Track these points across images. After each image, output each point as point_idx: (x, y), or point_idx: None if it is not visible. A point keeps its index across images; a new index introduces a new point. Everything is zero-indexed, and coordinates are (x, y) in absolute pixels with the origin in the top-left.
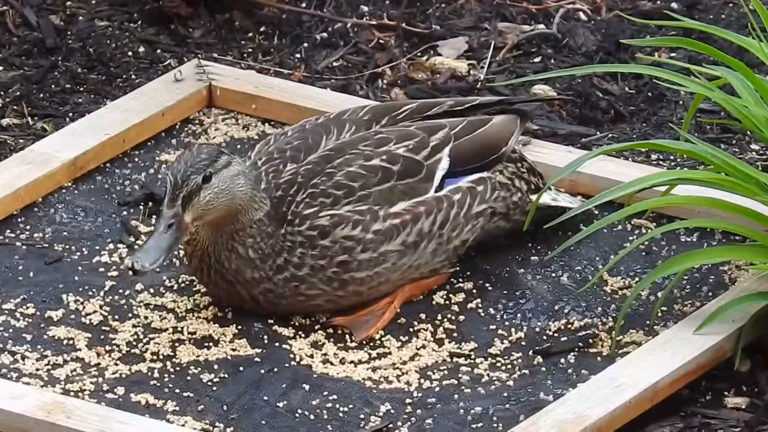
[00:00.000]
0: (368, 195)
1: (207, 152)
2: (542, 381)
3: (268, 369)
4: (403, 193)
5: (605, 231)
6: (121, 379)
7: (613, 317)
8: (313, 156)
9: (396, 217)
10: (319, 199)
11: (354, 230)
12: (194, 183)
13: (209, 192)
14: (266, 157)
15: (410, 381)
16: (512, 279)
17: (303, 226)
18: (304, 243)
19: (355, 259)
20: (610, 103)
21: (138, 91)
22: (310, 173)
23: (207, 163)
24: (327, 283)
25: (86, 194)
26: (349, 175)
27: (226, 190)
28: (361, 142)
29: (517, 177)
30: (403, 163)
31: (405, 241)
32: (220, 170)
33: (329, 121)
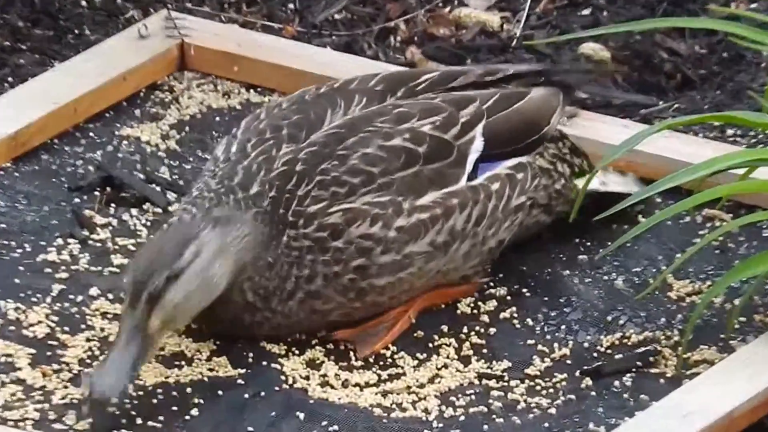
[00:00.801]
0: (390, 183)
1: (171, 244)
2: (592, 408)
3: (254, 393)
4: (431, 180)
5: (670, 224)
6: (72, 406)
7: (680, 330)
8: (318, 135)
9: (424, 210)
10: (331, 189)
11: (373, 227)
12: (155, 284)
13: (177, 292)
14: (256, 139)
15: (429, 408)
16: (555, 283)
17: (310, 228)
18: (313, 248)
19: (375, 262)
20: (676, 66)
21: (93, 50)
22: (316, 157)
23: (170, 260)
24: (342, 293)
25: (29, 177)
26: (366, 158)
27: (202, 285)
28: (377, 117)
29: (559, 160)
30: (430, 143)
31: (434, 241)
32: (188, 265)
33: (333, 92)
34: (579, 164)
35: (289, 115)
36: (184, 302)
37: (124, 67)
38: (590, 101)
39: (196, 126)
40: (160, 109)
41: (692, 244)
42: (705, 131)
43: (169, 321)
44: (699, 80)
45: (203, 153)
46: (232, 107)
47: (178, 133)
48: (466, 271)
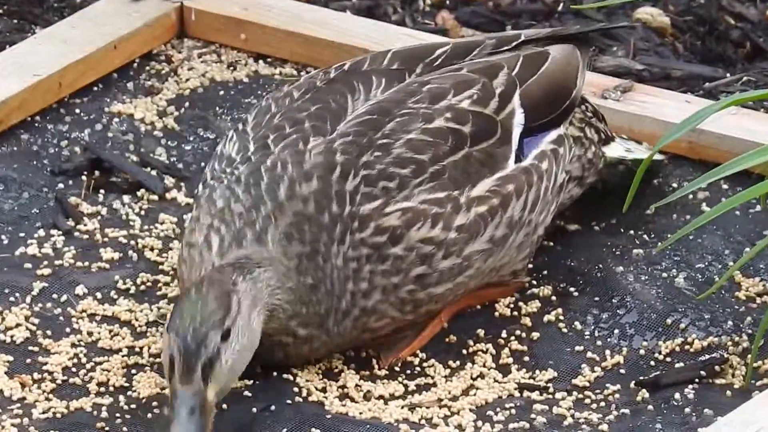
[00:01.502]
0: (442, 170)
1: (217, 297)
2: (649, 424)
3: (264, 407)
4: (482, 163)
5: (738, 213)
6: (55, 421)
7: (749, 335)
8: (349, 124)
9: (481, 203)
10: (380, 184)
11: (434, 229)
12: (214, 344)
13: (230, 352)
14: (275, 134)
15: (463, 424)
16: (606, 280)
17: (366, 231)
18: (372, 256)
19: (436, 269)
20: (744, 33)
21: (80, 15)
22: (355, 148)
23: (223, 314)
24: (398, 307)
25: (7, 159)
26: (411, 144)
27: (247, 339)
28: (409, 97)
29: (586, 124)
30: (474, 121)
31: (493, 236)
32: (236, 318)
33: (347, 76)
34: (604, 129)
35: (306, 107)
36: (237, 362)
37: (115, 34)
38: (647, 73)
39: (197, 101)
40: (156, 82)
41: (763, 236)
42: None
43: (222, 390)
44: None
45: (205, 132)
46: (239, 80)
47: (177, 110)
48: (517, 264)
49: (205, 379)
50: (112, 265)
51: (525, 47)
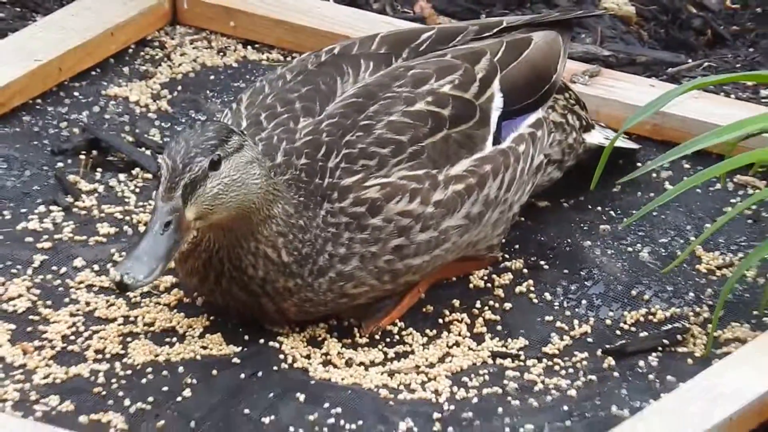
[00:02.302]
0: (420, 151)
1: (215, 129)
2: (614, 390)
3: (251, 373)
4: (460, 145)
5: (699, 191)
6: (54, 386)
7: (710, 306)
8: (336, 106)
9: (459, 181)
10: (360, 162)
11: (411, 203)
12: (200, 168)
13: (218, 181)
14: (268, 113)
15: (439, 390)
16: (575, 254)
17: (346, 201)
18: (351, 224)
19: (413, 241)
20: (706, 22)
21: (79, 3)
22: (339, 128)
23: (216, 143)
24: (377, 276)
25: (9, 139)
26: (392, 126)
27: (239, 181)
28: (393, 81)
29: (569, 111)
30: (454, 104)
31: (469, 213)
32: (231, 154)
33: (338, 59)
34: (586, 117)
35: (297, 88)
36: (222, 195)
37: (112, 21)
38: (614, 59)
39: (189, 85)
40: (151, 66)
41: (723, 213)
42: (737, 91)
43: (204, 214)
44: (731, 37)
45: (197, 114)
46: (228, 65)
47: (170, 93)
48: (493, 240)
49: (185, 199)
50: (108, 239)
51: (509, 33)
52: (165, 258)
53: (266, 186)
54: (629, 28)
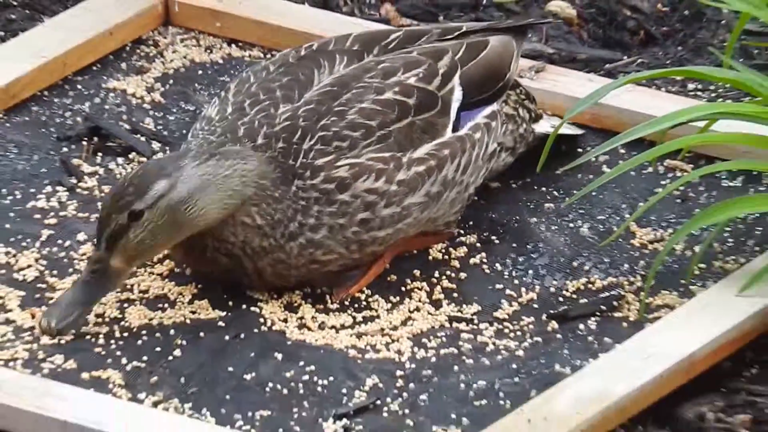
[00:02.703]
0: (388, 135)
1: (137, 181)
2: (557, 350)
3: (234, 335)
4: (423, 130)
5: (633, 174)
6: (59, 346)
7: (642, 276)
8: (312, 93)
9: (420, 163)
10: (334, 144)
11: (377, 182)
12: (116, 223)
13: (140, 230)
14: (251, 99)
15: (402, 350)
16: (523, 230)
17: (317, 179)
18: (320, 199)
19: (378, 215)
20: (639, 23)
21: (81, 6)
22: (314, 114)
23: (132, 198)
24: (345, 245)
25: (20, 127)
26: (363, 112)
27: (169, 222)
28: (365, 73)
29: (520, 105)
30: (418, 94)
31: (429, 192)
32: (154, 203)
33: (316, 54)
34: (534, 110)
35: (278, 78)
36: (148, 239)
37: (111, 22)
38: (557, 56)
39: (179, 79)
40: (145, 62)
41: (654, 193)
42: (667, 85)
43: (133, 258)
44: (661, 37)
45: (186, 105)
46: (215, 61)
47: (163, 86)
48: (450, 217)
49: (109, 249)
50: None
51: (468, 36)
52: (84, 304)
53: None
54: (571, 29)
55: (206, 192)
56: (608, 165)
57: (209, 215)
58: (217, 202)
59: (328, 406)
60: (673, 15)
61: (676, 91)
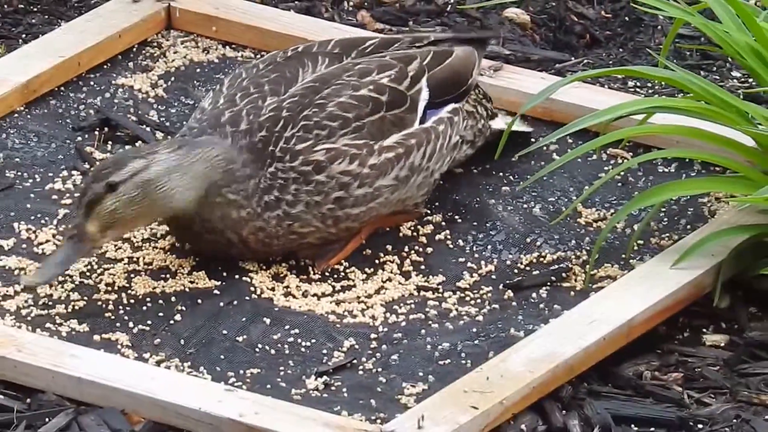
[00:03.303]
0: (362, 126)
1: (115, 158)
2: (513, 316)
3: (228, 302)
4: (393, 124)
5: (579, 161)
6: (74, 312)
7: (588, 250)
8: (296, 88)
9: (390, 150)
10: (314, 132)
11: (351, 165)
12: (92, 192)
13: (114, 200)
14: (242, 92)
15: (375, 315)
16: (482, 210)
17: (296, 162)
18: (298, 179)
19: (352, 195)
20: (585, 28)
21: (94, 12)
22: (297, 105)
23: (110, 171)
24: (321, 219)
25: (39, 119)
26: (341, 105)
27: (141, 196)
28: (343, 72)
29: (478, 104)
30: (390, 93)
31: (398, 176)
32: (129, 177)
33: (301, 55)
34: (490, 108)
35: (267, 74)
36: (121, 210)
37: (119, 26)
38: (512, 57)
39: (180, 76)
40: (150, 62)
41: (598, 178)
42: (610, 83)
43: (109, 226)
44: (605, 40)
45: (186, 99)
46: (211, 61)
47: (165, 83)
48: (418, 198)
49: (86, 215)
50: None
51: (436, 45)
52: (62, 264)
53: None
54: (525, 33)
55: (174, 175)
56: (558, 153)
57: (178, 197)
58: (185, 185)
59: (310, 365)
60: (615, 20)
61: (618, 87)
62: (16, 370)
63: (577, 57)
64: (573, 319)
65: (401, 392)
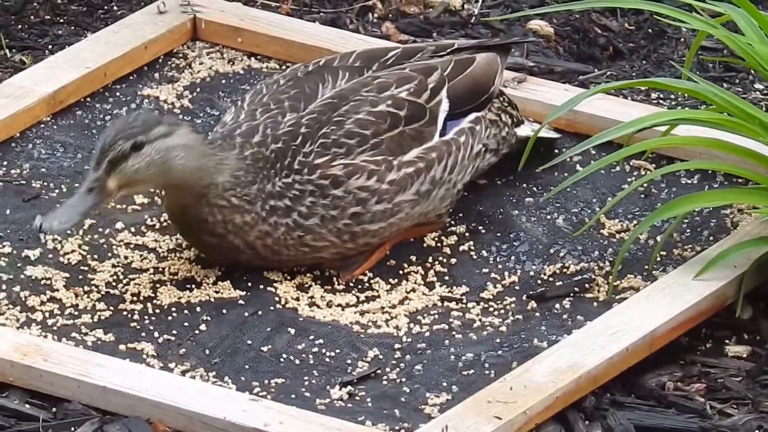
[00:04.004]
0: (381, 142)
1: (143, 119)
2: (536, 327)
3: (253, 312)
4: (412, 138)
5: (603, 172)
6: (99, 322)
7: (611, 261)
8: (315, 105)
9: (410, 165)
10: (332, 149)
11: (369, 180)
12: (120, 149)
13: (138, 161)
14: (262, 108)
15: (399, 325)
16: (506, 221)
17: (314, 175)
18: (315, 192)
19: (369, 210)
20: (608, 40)
21: (120, 23)
22: (316, 122)
23: (138, 131)
24: (337, 234)
25: (65, 129)
26: (359, 122)
27: (160, 161)
28: (362, 87)
29: (502, 111)
30: (409, 107)
31: (419, 190)
32: (154, 140)
33: (321, 69)
34: (516, 115)
35: (287, 90)
36: (142, 171)
37: (145, 37)
38: (536, 69)
39: (205, 87)
40: (176, 73)
41: (621, 189)
42: (633, 95)
43: (125, 184)
44: (628, 52)
45: (211, 110)
46: (236, 72)
47: (191, 93)
48: (441, 210)
49: (108, 171)
50: (142, 207)
51: (459, 53)
52: (80, 214)
53: (199, 164)
54: (549, 44)
55: (190, 153)
56: (581, 164)
57: (185, 174)
58: (194, 166)
59: (334, 375)
60: (639, 33)
61: (641, 99)
62: (42, 380)
63: (600, 69)
64: (596, 330)
65: (425, 402)
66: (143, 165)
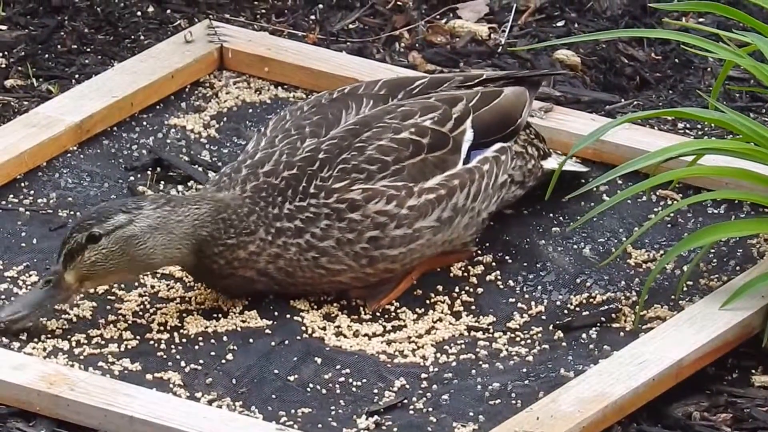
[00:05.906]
0: (401, 169)
1: (101, 209)
2: (563, 356)
3: (279, 341)
4: (435, 166)
5: (629, 202)
6: (126, 351)
7: (637, 291)
8: (337, 131)
9: (431, 192)
10: (352, 175)
11: (388, 205)
12: (75, 241)
13: (94, 253)
14: (283, 134)
15: (426, 355)
16: (532, 251)
17: (330, 199)
18: (331, 215)
19: (388, 235)
20: (635, 70)
21: (147, 53)
22: (336, 148)
23: (94, 222)
24: (354, 258)
25: (92, 159)
26: (380, 149)
27: (119, 252)
28: (385, 115)
29: (528, 144)
30: (432, 135)
31: (440, 217)
32: (112, 231)
33: (345, 96)
34: (543, 148)
35: (310, 116)
36: (100, 263)
37: (172, 67)
38: (563, 98)
39: (232, 117)
40: (203, 102)
41: (648, 219)
42: (659, 124)
43: (86, 278)
44: (654, 81)
45: (238, 139)
46: (263, 101)
47: (218, 123)
48: (466, 238)
49: (65, 265)
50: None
51: (487, 85)
52: (33, 306)
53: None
54: (575, 74)
55: (156, 233)
56: (608, 194)
57: (158, 255)
58: (167, 243)
59: (361, 404)
60: (665, 62)
61: (668, 129)
62: (69, 409)
63: (627, 98)
64: (622, 360)
65: None
66: (100, 257)
